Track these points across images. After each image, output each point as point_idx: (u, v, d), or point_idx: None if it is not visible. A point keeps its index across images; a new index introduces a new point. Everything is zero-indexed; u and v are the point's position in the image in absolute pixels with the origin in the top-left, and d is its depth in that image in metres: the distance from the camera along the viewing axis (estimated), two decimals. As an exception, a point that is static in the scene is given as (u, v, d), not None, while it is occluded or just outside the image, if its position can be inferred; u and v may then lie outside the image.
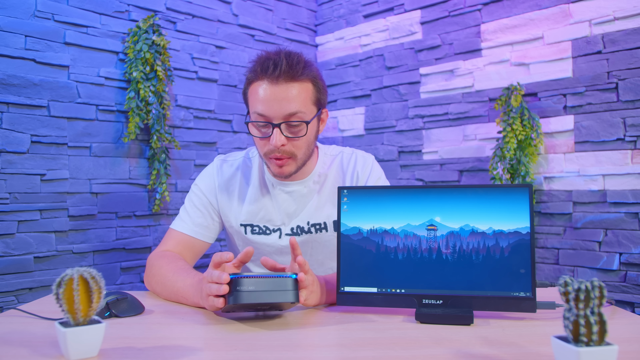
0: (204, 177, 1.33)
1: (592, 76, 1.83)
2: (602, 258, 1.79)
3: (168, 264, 1.17)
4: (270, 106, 1.13)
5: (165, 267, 1.17)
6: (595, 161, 1.81)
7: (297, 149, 1.18)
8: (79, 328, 0.73)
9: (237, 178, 1.31)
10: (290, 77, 1.12)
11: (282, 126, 1.14)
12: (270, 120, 1.14)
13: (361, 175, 1.31)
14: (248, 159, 1.35)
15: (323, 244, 1.29)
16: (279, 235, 1.29)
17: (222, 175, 1.31)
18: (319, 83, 1.20)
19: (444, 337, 0.86)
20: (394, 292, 1.02)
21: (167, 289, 1.13)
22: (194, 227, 1.28)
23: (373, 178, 1.32)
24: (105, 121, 1.87)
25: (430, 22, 2.29)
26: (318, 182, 1.31)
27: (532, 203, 0.98)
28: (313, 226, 1.28)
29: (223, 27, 2.27)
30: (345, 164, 1.33)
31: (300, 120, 1.15)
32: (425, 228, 1.02)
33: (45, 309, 1.05)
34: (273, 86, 1.12)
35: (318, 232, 1.28)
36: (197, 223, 1.28)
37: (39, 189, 1.70)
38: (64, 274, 0.74)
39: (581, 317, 0.64)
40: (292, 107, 1.13)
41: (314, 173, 1.31)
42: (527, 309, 0.96)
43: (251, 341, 0.84)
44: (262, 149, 1.19)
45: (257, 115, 1.14)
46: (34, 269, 1.68)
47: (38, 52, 1.70)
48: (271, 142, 1.14)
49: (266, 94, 1.13)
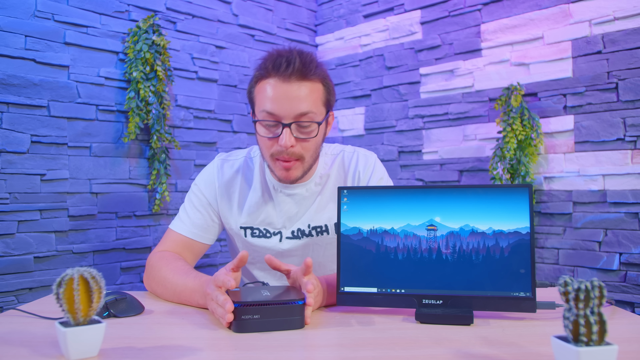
0: (204, 177, 1.29)
1: (592, 76, 1.83)
2: (602, 258, 1.79)
3: (167, 264, 1.16)
4: (281, 105, 1.08)
5: (165, 268, 1.15)
6: (595, 161, 1.81)
7: (306, 151, 1.14)
8: (79, 328, 0.73)
9: (238, 179, 1.28)
10: (302, 75, 1.08)
11: (292, 126, 1.10)
12: (280, 119, 1.09)
13: (362, 176, 1.28)
14: (249, 159, 1.31)
15: (324, 246, 1.27)
16: (280, 239, 1.27)
17: (222, 176, 1.28)
18: (329, 84, 1.16)
19: (444, 337, 0.86)
20: (394, 292, 1.02)
21: (167, 291, 1.12)
22: (193, 229, 1.25)
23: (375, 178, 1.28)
24: (105, 121, 1.87)
25: (430, 22, 2.29)
26: (320, 184, 1.27)
27: (532, 203, 0.98)
28: (314, 229, 1.26)
29: (223, 27, 2.27)
30: (347, 164, 1.30)
31: (311, 120, 1.11)
32: (425, 228, 1.02)
33: (46, 309, 1.05)
34: (284, 84, 1.08)
35: (319, 235, 1.26)
36: (196, 225, 1.26)
37: (39, 189, 1.70)
38: (64, 273, 0.74)
39: (581, 317, 0.64)
40: (304, 106, 1.09)
41: (316, 175, 1.27)
42: (527, 309, 0.96)
43: (251, 341, 0.84)
44: (268, 149, 1.14)
45: (266, 114, 1.10)
46: (34, 269, 1.68)
47: (38, 52, 1.70)
48: (280, 142, 1.09)
49: (277, 92, 1.08)
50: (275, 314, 0.89)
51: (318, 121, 1.12)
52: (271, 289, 0.99)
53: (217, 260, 2.21)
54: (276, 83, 1.08)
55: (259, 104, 1.12)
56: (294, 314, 0.90)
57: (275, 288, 1.01)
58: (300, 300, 0.91)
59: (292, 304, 0.90)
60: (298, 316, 0.90)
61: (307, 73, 1.09)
